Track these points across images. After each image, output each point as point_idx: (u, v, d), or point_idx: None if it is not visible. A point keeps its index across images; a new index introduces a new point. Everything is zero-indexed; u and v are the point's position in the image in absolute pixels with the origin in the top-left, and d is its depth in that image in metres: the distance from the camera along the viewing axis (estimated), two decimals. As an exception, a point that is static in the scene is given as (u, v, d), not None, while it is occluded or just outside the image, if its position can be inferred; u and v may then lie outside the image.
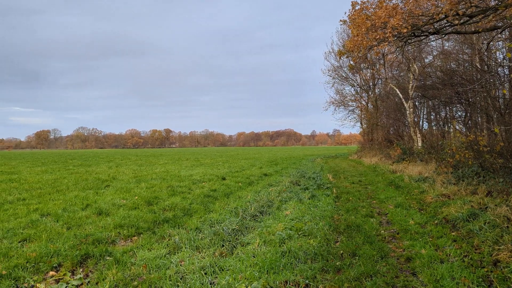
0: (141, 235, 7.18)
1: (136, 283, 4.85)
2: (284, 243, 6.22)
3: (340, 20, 12.85)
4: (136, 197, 10.83)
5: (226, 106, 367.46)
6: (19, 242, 6.44)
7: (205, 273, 5.09)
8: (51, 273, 5.22)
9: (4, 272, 5.04)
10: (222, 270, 5.24)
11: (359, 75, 38.24)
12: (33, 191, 12.59)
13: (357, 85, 39.82)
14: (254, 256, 5.71)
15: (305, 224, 7.34)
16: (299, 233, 6.80)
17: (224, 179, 16.13)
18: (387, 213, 8.92)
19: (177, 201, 10.29)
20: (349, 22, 11.19)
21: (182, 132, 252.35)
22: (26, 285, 4.83)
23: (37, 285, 4.82)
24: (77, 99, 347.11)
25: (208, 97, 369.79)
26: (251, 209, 8.98)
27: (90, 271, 5.37)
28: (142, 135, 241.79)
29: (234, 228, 7.18)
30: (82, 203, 9.94)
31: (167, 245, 6.47)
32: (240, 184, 14.68)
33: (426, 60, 24.69)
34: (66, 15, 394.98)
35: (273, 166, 25.55)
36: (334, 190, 12.25)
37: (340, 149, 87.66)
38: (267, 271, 5.05)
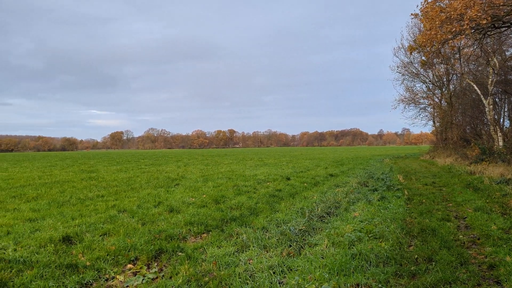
0: (210, 232, 7.37)
1: (207, 279, 4.97)
2: (354, 245, 6.04)
3: (411, 14, 12.27)
4: (204, 196, 11.16)
5: (289, 106, 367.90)
6: (100, 236, 6.90)
7: (274, 272, 5.09)
8: (129, 266, 5.53)
9: (88, 263, 5.42)
10: (290, 270, 5.21)
11: (432, 70, 36.16)
12: (110, 189, 13.46)
13: (429, 81, 37.75)
14: (322, 257, 5.61)
15: (376, 227, 7.08)
16: (369, 235, 6.57)
17: (288, 179, 16.09)
18: (465, 217, 8.33)
19: (243, 200, 10.44)
20: (421, 16, 10.63)
21: (246, 132, 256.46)
22: (107, 276, 5.15)
23: (117, 276, 5.12)
24: (147, 102, 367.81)
25: (271, 97, 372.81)
26: (317, 210, 8.86)
27: (164, 265, 5.60)
28: (207, 135, 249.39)
29: (301, 229, 7.12)
30: (154, 201, 10.44)
31: (235, 243, 6.56)
32: (305, 184, 14.56)
33: (508, 53, 22.79)
34: (138, 22, 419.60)
35: (338, 166, 25.06)
36: (406, 192, 11.70)
37: (410, 149, 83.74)
38: (337, 273, 4.93)
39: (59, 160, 41.36)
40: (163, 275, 5.19)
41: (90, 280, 4.94)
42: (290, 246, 6.31)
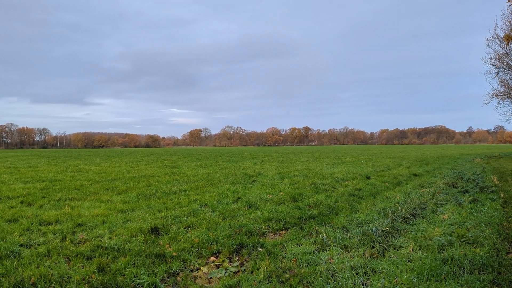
0: (289, 229, 7.35)
1: (288, 275, 4.95)
2: (444, 250, 5.63)
3: (509, 1, 11.11)
4: (281, 193, 11.18)
5: (367, 102, 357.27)
6: (184, 228, 7.22)
7: (356, 273, 4.92)
8: (212, 258, 5.71)
9: (174, 254, 5.69)
10: (374, 272, 5.00)
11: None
12: (192, 184, 14.06)
13: (529, 74, 34.10)
14: (409, 261, 5.31)
15: (468, 231, 6.53)
16: (461, 240, 6.08)
17: (368, 178, 15.54)
18: None
19: (321, 198, 10.29)
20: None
21: (321, 130, 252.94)
22: (192, 267, 5.37)
23: (201, 268, 5.31)
24: (224, 100, 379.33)
25: (348, 93, 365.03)
26: (401, 210, 8.42)
27: (245, 260, 5.70)
28: (281, 133, 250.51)
29: (384, 230, 6.81)
30: (233, 196, 10.70)
31: (315, 241, 6.47)
32: (386, 184, 13.96)
33: None
34: (217, 23, 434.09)
35: (423, 165, 23.68)
36: (502, 195, 10.68)
37: (504, 148, 76.63)
38: (427, 278, 4.63)
39: (144, 156, 44.23)
40: (244, 269, 5.28)
41: (177, 270, 5.17)
42: (373, 247, 6.06)
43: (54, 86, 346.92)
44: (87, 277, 4.77)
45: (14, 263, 5.22)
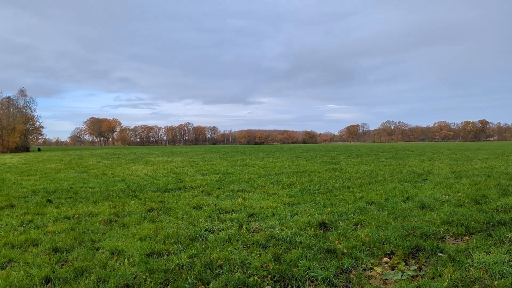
0: (473, 235, 6.47)
1: (477, 286, 4.35)
2: None
3: None
4: (460, 194, 9.99)
5: None
6: (352, 225, 7.05)
7: None
8: (385, 259, 5.40)
9: (345, 250, 5.59)
10: None
11: None
12: (354, 180, 13.75)
13: None
14: None
15: None
16: None
17: None
18: None
19: (511, 202, 8.81)
20: None
21: (502, 123, 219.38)
22: (364, 266, 5.17)
23: (375, 268, 5.07)
24: (384, 94, 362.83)
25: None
26: None
27: (423, 264, 5.22)
28: (452, 127, 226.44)
29: None
30: (402, 195, 10.02)
31: (508, 251, 5.53)
32: None
33: None
34: (377, 13, 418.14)
35: None
36: None
37: None
38: None
39: (303, 152, 45.45)
40: (423, 274, 4.84)
41: (349, 267, 5.05)
42: None
43: (222, 87, 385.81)
44: (265, 264, 5.04)
45: (203, 246, 5.88)
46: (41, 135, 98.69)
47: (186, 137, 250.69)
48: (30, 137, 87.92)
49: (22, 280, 4.63)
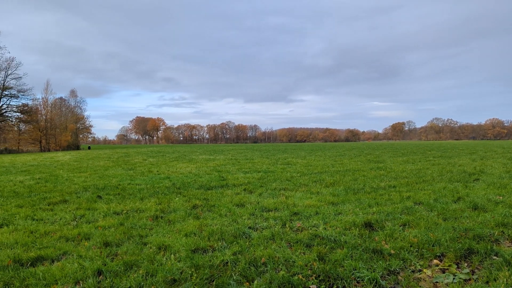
0: (532, 239, 6.08)
1: (538, 295, 4.07)
2: None
3: None
4: (516, 194, 9.42)
5: None
6: (399, 226, 6.83)
7: None
8: (435, 261, 5.18)
9: (392, 251, 5.42)
10: None
11: None
12: (400, 180, 13.32)
13: None
14: None
15: None
16: None
17: None
18: None
19: None
20: None
21: None
22: (413, 267, 4.98)
23: (424, 270, 4.88)
24: (431, 90, 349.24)
25: None
26: None
27: (477, 267, 4.96)
28: (505, 124, 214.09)
29: None
30: (452, 196, 9.60)
31: None
32: None
33: None
34: (424, 6, 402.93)
35: None
36: None
37: None
38: None
39: (346, 150, 44.63)
40: (477, 278, 4.60)
41: (397, 269, 4.89)
42: None
43: (263, 86, 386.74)
44: (309, 263, 4.99)
45: (246, 243, 5.91)
46: (90, 133, 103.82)
47: (228, 136, 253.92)
48: (80, 136, 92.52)
49: (76, 272, 4.86)
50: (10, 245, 6.09)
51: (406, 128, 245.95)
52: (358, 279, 4.57)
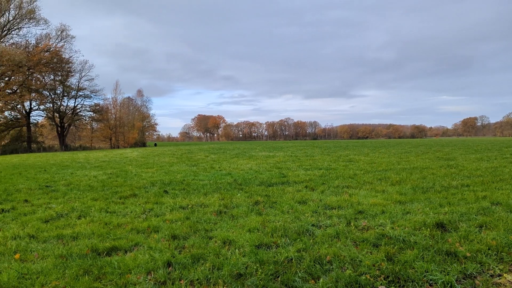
0: None
1: None
2: None
3: None
4: None
5: None
6: (475, 227, 6.37)
7: None
8: (518, 266, 4.77)
9: (468, 254, 5.06)
10: None
11: None
12: (474, 178, 12.47)
13: None
14: None
15: None
16: None
17: None
18: None
19: None
20: None
21: None
22: (491, 272, 4.63)
23: (504, 275, 4.51)
24: (507, 83, 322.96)
25: None
26: None
27: None
28: None
29: None
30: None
31: None
32: None
33: None
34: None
35: None
36: None
37: None
38: None
39: (412, 147, 42.62)
40: None
41: (473, 273, 4.56)
42: None
43: (322, 81, 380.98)
44: (377, 263, 4.81)
45: (310, 241, 5.84)
46: (155, 131, 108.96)
47: (287, 132, 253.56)
48: (146, 133, 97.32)
49: (148, 262, 5.09)
50: (87, 235, 6.53)
51: (479, 124, 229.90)
52: (430, 282, 4.32)
